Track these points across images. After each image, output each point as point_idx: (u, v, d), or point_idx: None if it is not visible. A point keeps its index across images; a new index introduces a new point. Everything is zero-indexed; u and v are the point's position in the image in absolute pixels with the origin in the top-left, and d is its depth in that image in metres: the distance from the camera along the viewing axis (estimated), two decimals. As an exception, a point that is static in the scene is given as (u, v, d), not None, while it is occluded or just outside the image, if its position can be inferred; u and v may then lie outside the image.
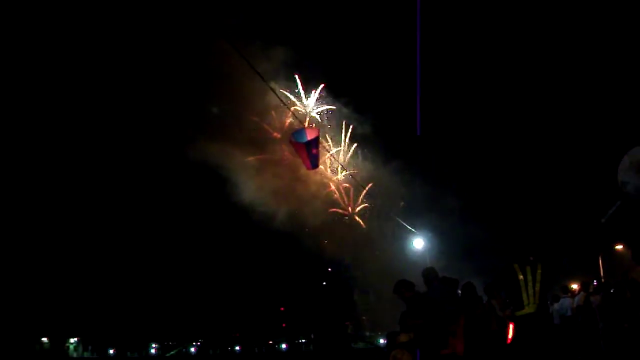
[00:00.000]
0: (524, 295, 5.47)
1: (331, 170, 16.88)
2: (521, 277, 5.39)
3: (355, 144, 16.72)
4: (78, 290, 25.09)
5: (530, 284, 5.44)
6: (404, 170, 17.24)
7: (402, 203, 16.36)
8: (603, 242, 17.61)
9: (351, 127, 16.55)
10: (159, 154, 19.91)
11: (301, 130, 13.19)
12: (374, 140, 17.22)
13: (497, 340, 7.73)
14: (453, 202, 17.26)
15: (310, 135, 11.55)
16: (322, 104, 16.41)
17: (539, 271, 5.37)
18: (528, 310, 5.37)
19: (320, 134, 14.02)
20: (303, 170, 15.37)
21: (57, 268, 24.47)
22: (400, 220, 16.68)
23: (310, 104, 16.18)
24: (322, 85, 16.18)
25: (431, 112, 17.52)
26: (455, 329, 6.39)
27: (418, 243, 15.50)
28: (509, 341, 7.07)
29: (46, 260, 24.24)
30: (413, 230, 15.94)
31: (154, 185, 21.65)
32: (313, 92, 16.24)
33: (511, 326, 6.77)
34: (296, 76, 16.07)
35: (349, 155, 16.82)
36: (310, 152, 11.13)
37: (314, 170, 15.23)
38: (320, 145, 15.00)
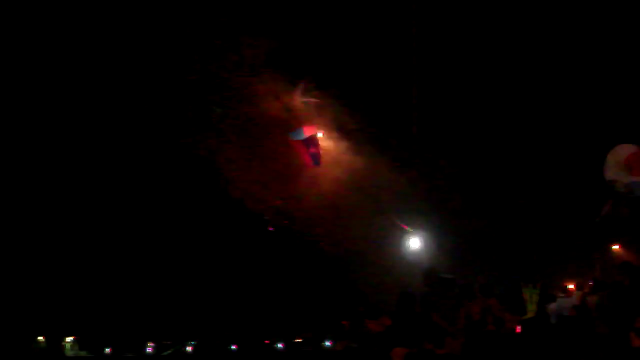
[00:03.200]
0: (528, 305, 8.80)
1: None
2: (525, 291, 8.84)
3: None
4: (74, 289, 25.03)
5: (531, 297, 8.81)
6: (399, 167, 17.20)
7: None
8: (599, 242, 17.66)
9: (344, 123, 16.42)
10: (146, 149, 19.77)
11: (299, 128, 13.13)
12: (367, 136, 17.15)
13: (493, 340, 7.76)
14: (451, 200, 17.26)
15: (307, 133, 11.48)
16: (312, 97, 16.27)
17: (537, 289, 8.79)
18: (530, 315, 8.73)
19: (316, 131, 13.92)
20: (295, 164, 15.28)
21: (53, 267, 24.42)
22: (396, 219, 16.68)
23: (301, 98, 16.04)
24: (308, 78, 15.97)
25: (428, 109, 17.53)
26: (453, 329, 6.44)
27: (415, 242, 15.50)
28: (517, 330, 9.13)
29: (42, 259, 24.18)
30: (410, 230, 15.94)
31: (148, 182, 21.56)
32: (302, 84, 16.08)
33: (518, 327, 9.09)
34: (284, 67, 15.87)
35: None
36: (309, 150, 11.09)
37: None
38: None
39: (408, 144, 17.50)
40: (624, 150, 5.79)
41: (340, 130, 16.67)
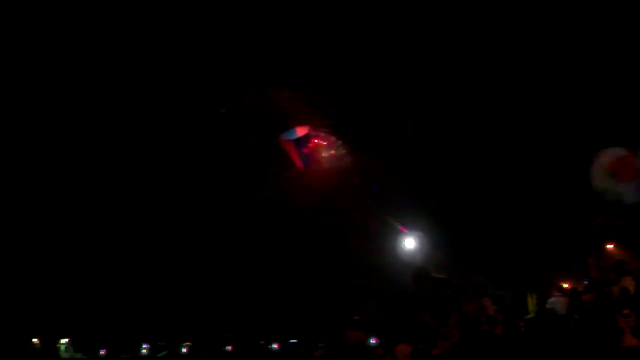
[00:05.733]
0: (529, 307, 10.34)
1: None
2: (529, 297, 10.36)
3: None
4: (69, 291, 24.95)
5: (532, 300, 10.36)
6: (394, 167, 17.18)
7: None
8: (593, 241, 17.68)
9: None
10: (137, 147, 19.71)
11: (291, 128, 13.05)
12: (362, 136, 17.12)
13: (488, 339, 7.72)
14: (446, 200, 17.25)
15: (300, 133, 11.39)
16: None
17: (536, 295, 10.45)
18: (531, 315, 10.27)
19: (308, 131, 13.85)
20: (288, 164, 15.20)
21: (48, 269, 24.34)
22: (392, 219, 16.64)
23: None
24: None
25: (423, 109, 17.52)
26: (445, 330, 6.40)
27: (409, 242, 15.46)
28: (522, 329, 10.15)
29: (36, 261, 24.11)
30: (404, 229, 15.89)
31: (141, 184, 21.49)
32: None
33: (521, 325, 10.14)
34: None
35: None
36: (300, 150, 11.02)
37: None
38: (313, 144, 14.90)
39: (403, 144, 17.49)
40: (606, 157, 5.89)
41: (335, 129, 16.66)
